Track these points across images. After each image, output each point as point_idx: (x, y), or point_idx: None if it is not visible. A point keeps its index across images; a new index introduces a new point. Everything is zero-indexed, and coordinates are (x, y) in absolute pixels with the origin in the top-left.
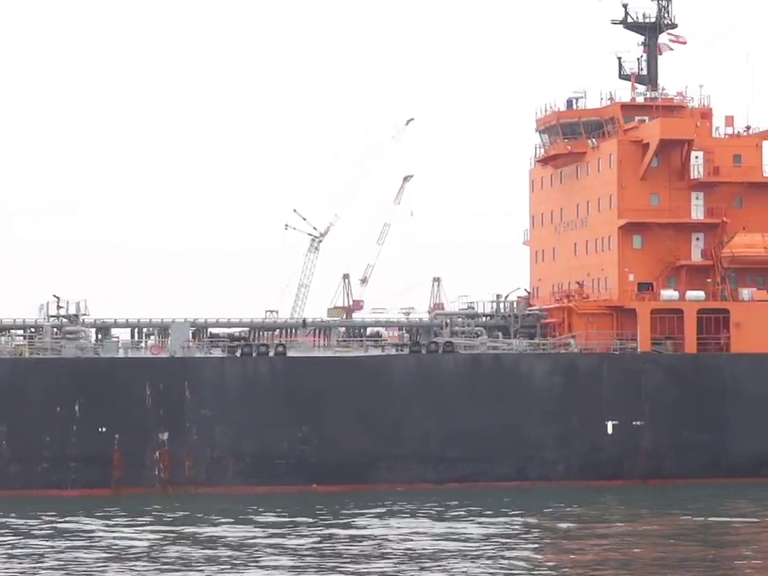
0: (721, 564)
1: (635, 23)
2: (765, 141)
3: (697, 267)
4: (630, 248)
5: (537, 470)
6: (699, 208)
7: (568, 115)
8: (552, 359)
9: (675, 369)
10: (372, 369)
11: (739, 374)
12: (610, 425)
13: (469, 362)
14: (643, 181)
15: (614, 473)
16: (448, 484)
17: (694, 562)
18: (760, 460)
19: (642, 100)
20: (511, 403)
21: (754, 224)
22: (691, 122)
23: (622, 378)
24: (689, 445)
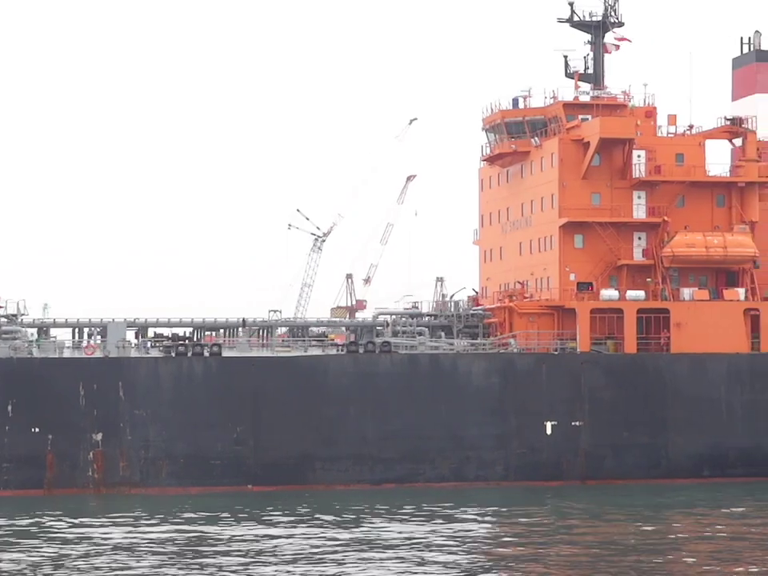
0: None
1: (581, 22)
2: (708, 139)
3: (638, 267)
4: (571, 247)
5: (474, 470)
6: (641, 207)
7: (512, 114)
8: (490, 359)
9: (615, 369)
10: (308, 369)
11: (679, 374)
12: (549, 425)
13: (406, 362)
14: (585, 180)
15: (553, 473)
16: (385, 485)
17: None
18: (700, 461)
19: (586, 99)
20: (449, 403)
21: (697, 223)
22: (631, 121)
23: (561, 378)
24: (628, 445)
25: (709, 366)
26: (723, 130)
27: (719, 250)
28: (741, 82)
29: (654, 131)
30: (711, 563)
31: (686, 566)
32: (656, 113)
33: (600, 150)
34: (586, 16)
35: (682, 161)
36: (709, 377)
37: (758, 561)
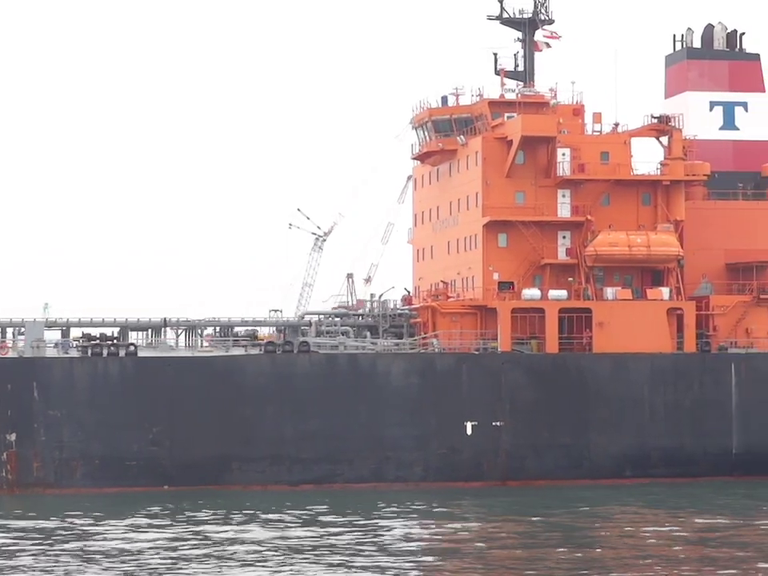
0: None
1: (511, 19)
2: (636, 138)
3: (562, 266)
4: (495, 246)
5: (394, 471)
6: (565, 206)
7: (440, 112)
8: (409, 359)
9: (536, 369)
10: (225, 369)
11: (601, 374)
12: (469, 425)
13: (324, 361)
14: (508, 178)
15: (473, 474)
16: (303, 485)
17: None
18: (622, 461)
19: (512, 96)
20: (368, 403)
21: (622, 222)
22: (553, 119)
23: (481, 378)
24: (549, 446)
25: (631, 366)
26: (650, 128)
27: (642, 249)
28: (673, 80)
29: (582, 129)
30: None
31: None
32: (584, 111)
33: (523, 148)
34: (516, 13)
35: (607, 159)
36: (631, 377)
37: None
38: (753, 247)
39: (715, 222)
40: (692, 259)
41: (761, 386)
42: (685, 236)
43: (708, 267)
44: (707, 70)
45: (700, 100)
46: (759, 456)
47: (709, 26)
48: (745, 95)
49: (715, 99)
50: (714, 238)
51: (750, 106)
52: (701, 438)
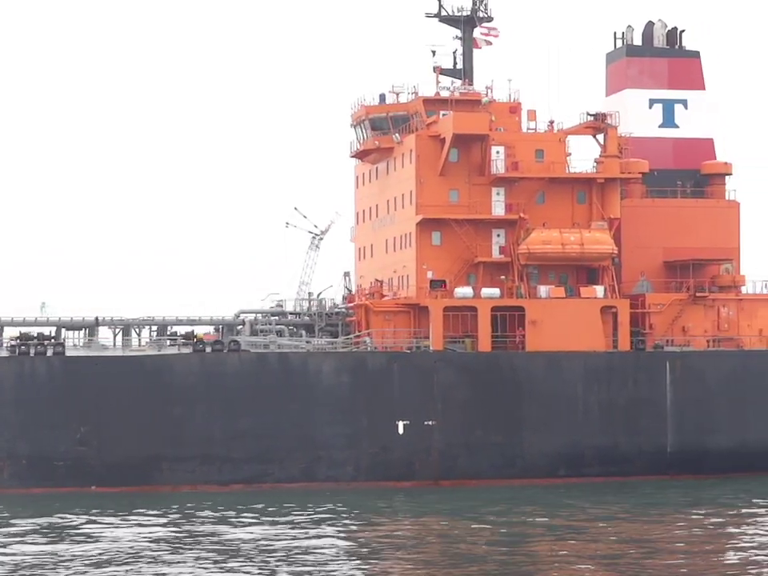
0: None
1: (449, 16)
2: (573, 135)
3: (496, 264)
4: (429, 245)
5: (325, 470)
6: (500, 204)
7: (376, 110)
8: (340, 358)
9: (468, 367)
10: (154, 368)
11: (534, 372)
12: (401, 424)
13: (254, 360)
14: (442, 176)
15: (405, 473)
16: (233, 485)
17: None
18: (556, 460)
19: (447, 94)
20: (298, 402)
21: (557, 220)
22: (486, 117)
23: (413, 376)
24: (482, 445)
25: (565, 365)
26: (586, 125)
27: (576, 247)
28: (613, 78)
29: (519, 127)
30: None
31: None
32: (520, 109)
33: (457, 146)
34: (455, 11)
35: (541, 157)
36: (565, 375)
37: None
38: (691, 245)
39: (654, 219)
40: (630, 257)
41: (696, 384)
42: (623, 234)
43: (646, 265)
44: (647, 67)
45: (639, 98)
46: (694, 454)
47: (649, 24)
48: (685, 93)
49: (655, 97)
50: (652, 235)
51: (690, 103)
52: (635, 436)
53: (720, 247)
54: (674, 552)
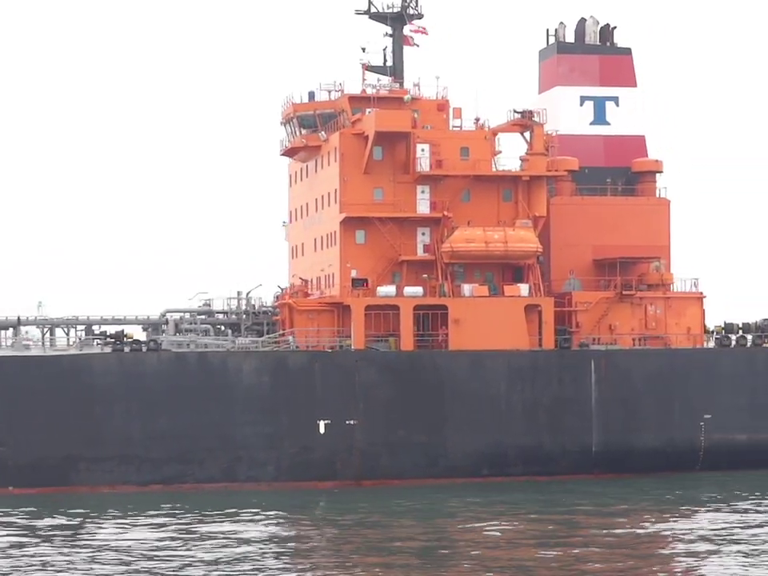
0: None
1: (379, 13)
2: (502, 133)
3: (421, 262)
4: (353, 243)
5: (245, 471)
6: (424, 202)
7: (304, 108)
8: (261, 357)
9: (390, 366)
10: (71, 368)
11: (457, 371)
12: (322, 424)
13: (173, 360)
14: (366, 174)
15: (327, 473)
16: (152, 486)
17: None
18: (479, 459)
19: (373, 92)
20: (218, 402)
21: (483, 218)
22: (408, 114)
23: (334, 376)
24: (405, 444)
25: (488, 364)
26: (514, 123)
27: (499, 245)
28: (545, 75)
29: (447, 125)
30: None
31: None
32: (448, 106)
33: (381, 143)
34: (385, 8)
35: (467, 155)
36: (488, 374)
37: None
38: (621, 243)
39: (583, 217)
40: (559, 255)
41: (621, 382)
42: (552, 232)
43: (576, 263)
44: (578, 64)
45: (570, 95)
46: (619, 454)
47: (581, 21)
48: (616, 90)
49: (586, 94)
50: (581, 233)
51: (621, 100)
52: (560, 435)
53: (650, 245)
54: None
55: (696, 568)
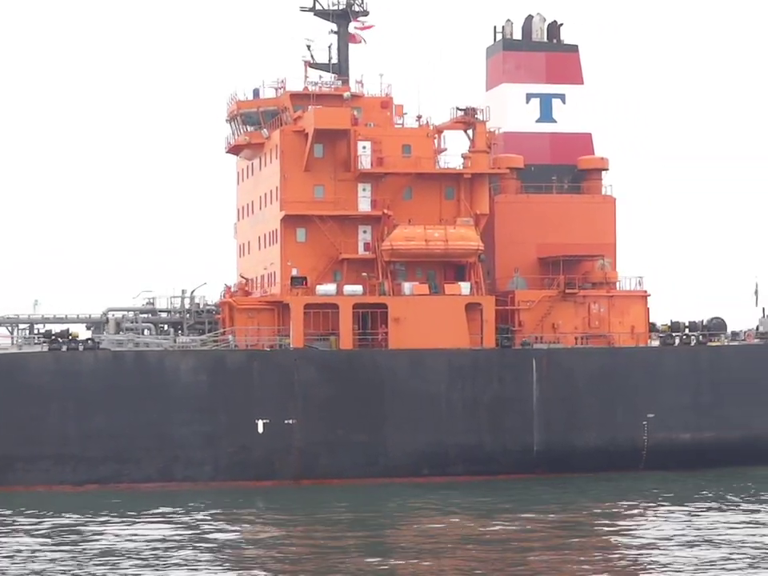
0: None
1: (324, 11)
2: (448, 131)
3: (362, 261)
4: (294, 241)
5: (182, 470)
6: (366, 200)
7: (247, 105)
8: (198, 356)
9: (329, 365)
10: (7, 367)
11: (397, 370)
12: (261, 423)
13: (110, 359)
14: (307, 172)
15: (265, 473)
16: (88, 485)
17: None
18: (419, 459)
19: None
20: (155, 402)
21: (425, 216)
22: (347, 112)
23: (273, 375)
24: (344, 443)
25: (428, 362)
26: (457, 121)
27: (440, 243)
28: (492, 72)
29: (391, 122)
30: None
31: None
32: (392, 103)
33: (322, 141)
34: (330, 5)
35: (409, 152)
36: (428, 373)
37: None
38: (566, 241)
39: (528, 215)
40: (504, 253)
41: (563, 382)
42: (496, 230)
43: (521, 261)
44: (524, 61)
45: (516, 92)
46: (561, 453)
47: (528, 18)
48: (562, 87)
49: (532, 91)
50: (526, 231)
51: (568, 98)
52: (501, 435)
53: (595, 243)
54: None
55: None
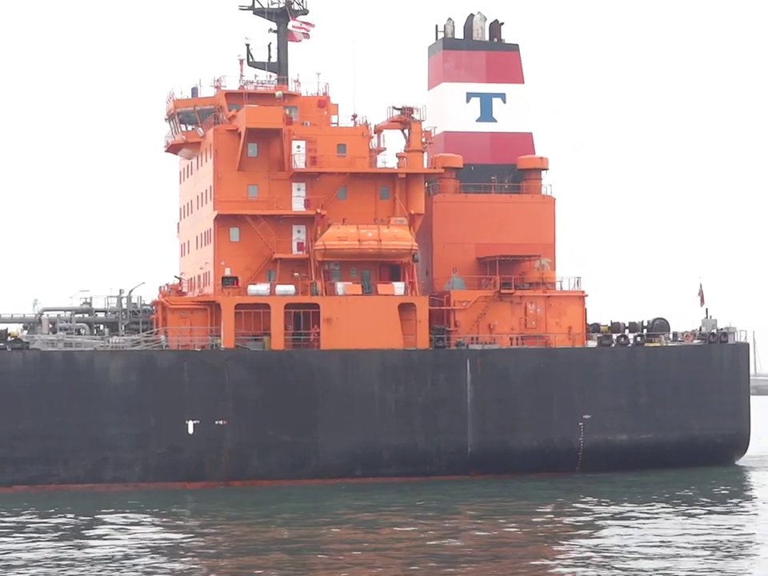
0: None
1: (263, 9)
2: (387, 130)
3: (295, 261)
4: (227, 241)
5: (111, 471)
6: (300, 199)
7: (184, 104)
8: (128, 356)
9: (260, 366)
10: None
11: (330, 371)
12: (191, 424)
13: (38, 359)
14: (241, 171)
15: (195, 474)
16: (16, 486)
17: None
18: (352, 460)
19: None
20: (84, 402)
21: (360, 216)
22: (278, 111)
23: (203, 375)
24: (275, 445)
25: (361, 363)
26: (394, 120)
27: (373, 243)
28: (433, 71)
29: (328, 121)
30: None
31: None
32: (329, 102)
33: (255, 140)
34: (270, 3)
35: (344, 152)
36: (361, 373)
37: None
38: (505, 241)
39: (466, 215)
40: (442, 253)
41: (497, 382)
42: (434, 230)
43: (459, 261)
44: (464, 61)
45: (457, 91)
46: (495, 454)
47: (470, 16)
48: (503, 86)
49: (472, 90)
50: (465, 231)
51: (508, 97)
52: (434, 436)
53: (534, 243)
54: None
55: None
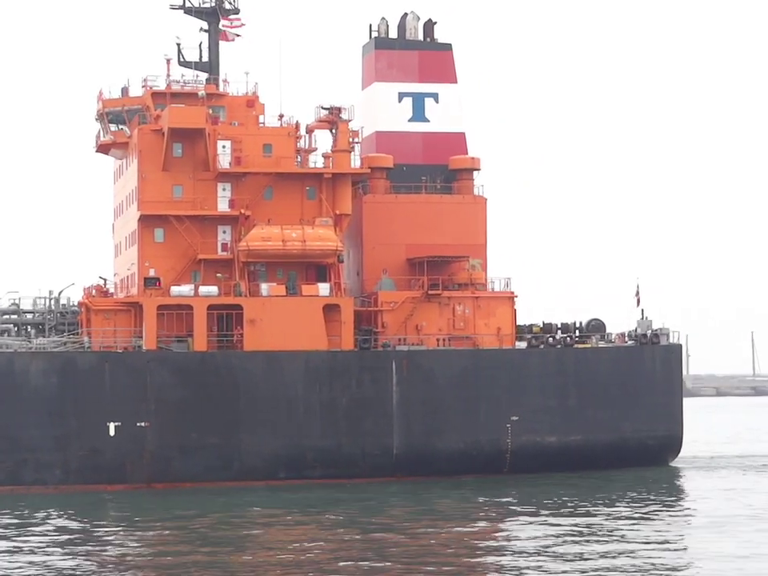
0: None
1: (193, 8)
2: (318, 130)
3: (220, 261)
4: (151, 242)
5: (31, 474)
6: (225, 200)
7: (113, 104)
8: (48, 358)
9: (183, 368)
10: None
11: (253, 372)
12: (113, 426)
13: None
14: (165, 172)
15: (117, 476)
16: None
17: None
18: (275, 462)
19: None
20: (4, 404)
21: (286, 216)
22: (201, 111)
23: (125, 377)
24: (198, 447)
25: (285, 365)
26: (322, 120)
27: (297, 243)
28: (366, 71)
29: (256, 121)
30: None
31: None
32: (257, 102)
33: (178, 140)
34: (201, 2)
35: (270, 152)
36: (285, 375)
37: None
38: (436, 242)
39: (397, 216)
40: (372, 254)
41: (423, 384)
42: (365, 230)
43: (389, 262)
44: (396, 60)
45: (389, 91)
46: (421, 456)
47: (404, 16)
48: (435, 86)
49: (404, 90)
50: (395, 232)
51: (441, 97)
52: (359, 437)
53: (465, 244)
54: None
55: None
